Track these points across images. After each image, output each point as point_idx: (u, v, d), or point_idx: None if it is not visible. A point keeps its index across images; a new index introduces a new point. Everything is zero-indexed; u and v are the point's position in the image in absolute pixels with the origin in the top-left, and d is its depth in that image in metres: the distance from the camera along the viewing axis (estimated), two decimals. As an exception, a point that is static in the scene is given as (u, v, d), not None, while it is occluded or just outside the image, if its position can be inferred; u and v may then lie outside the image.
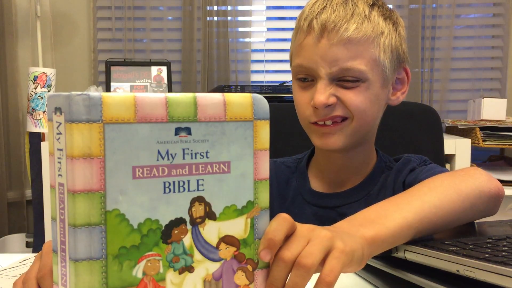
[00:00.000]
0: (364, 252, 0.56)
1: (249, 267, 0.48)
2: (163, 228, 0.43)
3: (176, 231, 0.43)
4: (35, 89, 2.04)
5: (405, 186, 0.88)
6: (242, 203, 0.47)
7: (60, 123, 0.40)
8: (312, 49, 0.85)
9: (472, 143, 2.00)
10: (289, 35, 2.49)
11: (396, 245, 0.64)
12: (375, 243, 0.59)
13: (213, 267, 0.46)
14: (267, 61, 2.52)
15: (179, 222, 0.44)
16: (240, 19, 2.49)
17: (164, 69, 2.23)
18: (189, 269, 0.44)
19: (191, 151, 0.44)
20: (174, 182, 0.43)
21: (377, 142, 0.97)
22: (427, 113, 1.20)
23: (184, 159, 0.44)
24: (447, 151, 1.52)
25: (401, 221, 0.64)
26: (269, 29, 2.51)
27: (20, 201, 2.43)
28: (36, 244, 2.07)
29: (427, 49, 2.45)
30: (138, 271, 0.42)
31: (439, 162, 1.13)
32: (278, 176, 0.99)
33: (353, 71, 0.83)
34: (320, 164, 0.96)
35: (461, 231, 0.75)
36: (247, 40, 2.49)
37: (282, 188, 0.98)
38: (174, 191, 0.43)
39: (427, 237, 0.68)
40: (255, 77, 2.51)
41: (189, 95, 0.44)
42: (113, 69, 2.21)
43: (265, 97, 0.49)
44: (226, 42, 2.43)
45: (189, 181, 0.44)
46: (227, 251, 0.46)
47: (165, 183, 0.43)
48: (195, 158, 0.44)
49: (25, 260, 0.80)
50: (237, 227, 0.47)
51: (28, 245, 2.23)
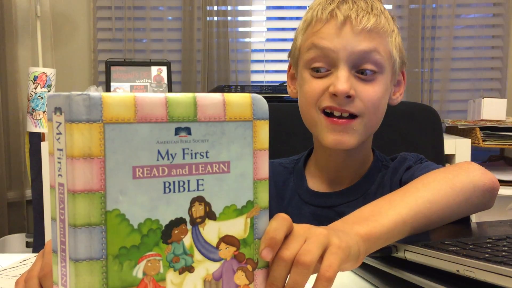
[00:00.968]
0: (360, 248, 0.56)
1: (249, 267, 0.48)
2: (163, 228, 0.43)
3: (176, 231, 0.43)
4: (35, 89, 2.04)
5: (402, 184, 0.88)
6: (242, 203, 0.47)
7: (60, 123, 0.40)
8: (333, 37, 0.84)
9: (472, 143, 2.00)
10: (289, 35, 2.49)
11: (391, 242, 0.64)
12: (370, 240, 0.59)
13: (213, 267, 0.46)
14: (267, 61, 2.52)
15: (179, 222, 0.44)
16: (240, 19, 2.49)
17: (164, 69, 2.23)
18: (189, 269, 0.44)
19: (191, 151, 0.44)
20: (174, 182, 0.43)
21: (378, 142, 0.97)
22: (427, 113, 1.21)
23: (184, 159, 0.44)
24: (447, 151, 1.52)
25: (396, 217, 0.64)
26: (269, 29, 2.51)
27: (20, 201, 2.43)
28: (36, 244, 2.07)
29: (427, 49, 2.45)
30: (138, 271, 0.42)
31: (439, 162, 1.13)
32: (275, 176, 0.98)
33: (374, 59, 0.84)
34: (320, 162, 0.96)
35: (461, 231, 0.75)
36: (247, 40, 2.49)
37: (279, 188, 0.97)
38: (174, 191, 0.43)
39: (423, 233, 0.69)
40: (255, 77, 2.51)
41: (189, 95, 0.44)
42: (113, 69, 2.21)
43: (265, 97, 0.49)
44: (226, 42, 2.43)
45: (189, 181, 0.44)
46: (227, 251, 0.46)
47: (165, 183, 0.43)
48: (195, 158, 0.44)
49: (25, 260, 0.80)
50: (237, 227, 0.47)
51: (28, 245, 2.23)
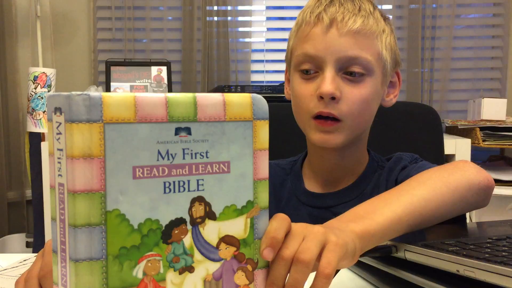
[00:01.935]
0: (356, 246, 0.56)
1: (249, 267, 0.48)
2: (163, 228, 0.43)
3: (176, 231, 0.43)
4: (35, 89, 2.04)
5: (397, 184, 0.87)
6: (242, 203, 0.47)
7: (60, 123, 0.40)
8: (320, 38, 0.85)
9: (472, 143, 2.00)
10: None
11: (387, 240, 0.64)
12: (364, 237, 0.59)
13: (213, 267, 0.46)
14: (267, 61, 2.52)
15: (179, 222, 0.44)
16: (240, 19, 2.49)
17: (164, 69, 2.23)
18: (189, 269, 0.44)
19: (191, 151, 0.44)
20: (174, 182, 0.43)
21: (378, 142, 0.97)
22: (427, 113, 1.21)
23: (184, 159, 0.44)
24: (447, 151, 1.52)
25: (391, 215, 0.64)
26: (269, 29, 2.51)
27: (20, 201, 2.43)
28: (36, 244, 2.07)
29: (427, 49, 2.45)
30: (138, 271, 0.42)
31: (439, 162, 1.13)
32: (272, 178, 0.98)
33: (361, 60, 0.84)
34: (314, 164, 0.96)
35: (461, 231, 0.75)
36: (247, 40, 2.49)
37: (277, 190, 0.98)
38: (174, 191, 0.43)
39: (423, 233, 0.69)
40: (255, 77, 2.51)
41: (189, 95, 0.44)
42: (113, 69, 2.21)
43: (265, 97, 0.49)
44: (226, 42, 2.43)
45: (189, 181, 0.44)
46: (227, 251, 0.46)
47: (165, 183, 0.43)
48: (195, 158, 0.44)
49: (25, 260, 0.80)
50: (237, 227, 0.47)
51: (28, 245, 2.23)
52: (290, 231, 0.51)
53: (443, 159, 1.21)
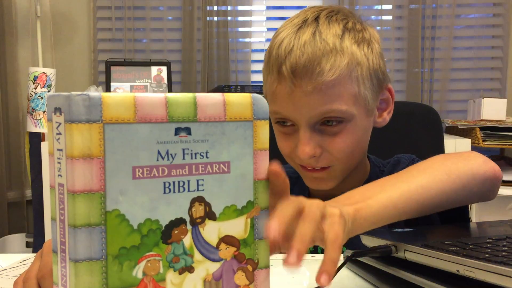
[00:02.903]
0: (348, 226, 0.56)
1: (249, 267, 0.48)
2: (163, 228, 0.43)
3: (176, 231, 0.43)
4: (35, 89, 2.04)
5: None
6: (242, 203, 0.47)
7: (59, 123, 0.40)
8: (286, 99, 0.78)
9: (472, 143, 2.00)
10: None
11: (380, 225, 0.63)
12: (357, 220, 0.59)
13: (213, 267, 0.46)
14: (267, 61, 2.51)
15: (179, 222, 0.43)
16: (240, 19, 2.49)
17: (164, 69, 2.23)
18: (189, 269, 0.44)
19: (191, 151, 0.44)
20: (174, 182, 0.43)
21: (378, 142, 0.97)
22: (427, 113, 1.21)
23: (184, 159, 0.44)
24: (447, 151, 1.51)
25: (385, 201, 0.63)
26: (269, 29, 2.51)
27: (20, 201, 2.44)
28: (36, 244, 2.08)
29: (427, 49, 2.45)
30: (138, 272, 0.42)
31: (439, 162, 1.13)
32: None
33: (335, 113, 0.78)
34: (313, 190, 0.93)
35: (461, 231, 0.74)
36: (247, 40, 2.49)
37: None
38: (174, 191, 0.43)
39: (423, 233, 0.68)
40: (255, 77, 2.51)
41: (189, 95, 0.44)
42: (113, 69, 2.21)
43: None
44: (226, 42, 2.43)
45: (189, 181, 0.44)
46: (227, 251, 0.46)
47: (165, 183, 0.43)
48: (195, 158, 0.44)
49: (25, 260, 0.80)
50: (237, 227, 0.47)
51: (28, 245, 2.23)
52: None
53: (443, 159, 1.21)
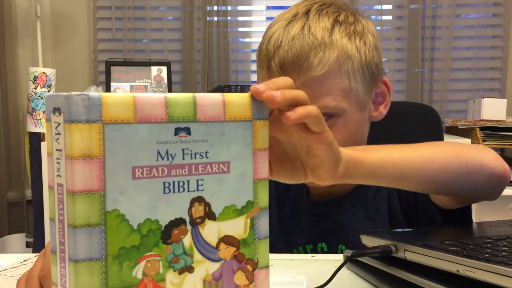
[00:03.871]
0: (343, 161, 0.56)
1: (249, 267, 0.48)
2: (163, 228, 0.43)
3: (176, 232, 0.43)
4: (35, 89, 2.04)
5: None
6: (241, 203, 0.47)
7: (59, 124, 0.40)
8: None
9: (472, 143, 2.00)
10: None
11: (376, 178, 0.63)
12: (353, 160, 0.58)
13: (213, 267, 0.46)
14: (267, 61, 2.51)
15: (179, 222, 0.43)
16: (240, 19, 2.49)
17: (164, 69, 2.23)
18: (189, 269, 0.44)
19: (191, 151, 0.44)
20: (173, 182, 0.43)
21: (377, 142, 0.96)
22: (428, 113, 1.20)
23: (183, 159, 0.44)
24: (447, 151, 1.51)
25: (386, 157, 0.63)
26: (269, 29, 2.51)
27: (20, 201, 2.44)
28: (36, 244, 2.07)
29: (427, 49, 2.45)
30: (138, 272, 0.42)
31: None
32: (277, 183, 0.96)
33: (323, 109, 0.76)
34: (311, 187, 0.92)
35: (461, 231, 0.74)
36: (247, 40, 2.49)
37: (281, 196, 0.96)
38: (174, 191, 0.43)
39: (423, 233, 0.68)
40: (255, 77, 2.51)
41: (188, 95, 0.44)
42: (113, 69, 2.21)
43: (265, 97, 0.49)
44: (226, 42, 2.43)
45: (188, 181, 0.44)
46: (227, 251, 0.46)
47: (164, 183, 0.43)
48: (195, 158, 0.44)
49: (25, 260, 0.80)
50: (237, 227, 0.47)
51: (28, 245, 2.23)
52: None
53: (443, 159, 1.21)
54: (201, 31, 2.42)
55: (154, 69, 2.23)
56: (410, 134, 1.19)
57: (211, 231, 0.45)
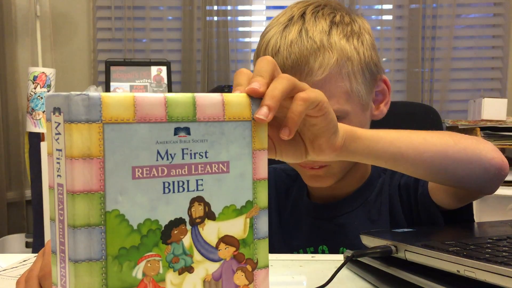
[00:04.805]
0: (340, 132, 0.56)
1: (249, 267, 0.48)
2: (163, 228, 0.43)
3: (175, 232, 0.43)
4: (35, 89, 2.04)
5: (401, 187, 0.85)
6: (241, 203, 0.47)
7: (59, 124, 0.40)
8: None
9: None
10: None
11: (372, 154, 0.62)
12: (350, 133, 0.58)
13: (213, 267, 0.45)
14: (267, 61, 2.51)
15: (178, 222, 0.43)
16: (240, 19, 2.49)
17: (164, 69, 2.23)
18: (189, 269, 0.44)
19: (190, 151, 0.44)
20: (173, 182, 0.43)
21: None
22: (428, 113, 1.20)
23: (183, 159, 0.43)
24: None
25: (384, 135, 0.62)
26: (269, 29, 2.51)
27: (19, 201, 2.44)
28: (36, 244, 2.07)
29: (427, 49, 2.45)
30: (138, 272, 0.42)
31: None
32: (277, 185, 0.95)
33: None
34: (312, 188, 0.92)
35: (461, 232, 0.74)
36: (247, 40, 2.49)
37: (281, 198, 0.95)
38: (173, 191, 0.43)
39: (424, 234, 0.68)
40: (255, 77, 2.51)
41: (188, 95, 0.44)
42: (113, 69, 2.21)
43: (265, 97, 0.49)
44: (226, 42, 2.43)
45: (188, 181, 0.44)
46: (226, 251, 0.46)
47: (164, 183, 0.43)
48: (194, 158, 0.44)
49: (24, 260, 0.80)
50: (237, 227, 0.47)
51: (27, 245, 2.23)
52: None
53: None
54: (201, 31, 2.42)
55: (154, 69, 2.23)
56: (410, 134, 1.19)
57: (211, 231, 0.45)
